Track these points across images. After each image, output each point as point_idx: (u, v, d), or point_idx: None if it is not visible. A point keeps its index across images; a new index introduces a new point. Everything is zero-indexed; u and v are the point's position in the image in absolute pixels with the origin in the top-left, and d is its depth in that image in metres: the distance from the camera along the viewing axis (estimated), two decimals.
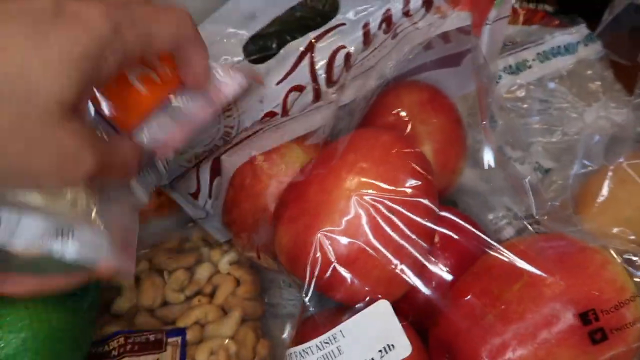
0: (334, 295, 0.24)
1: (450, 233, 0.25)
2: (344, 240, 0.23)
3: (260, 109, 0.31)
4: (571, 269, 0.21)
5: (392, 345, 0.22)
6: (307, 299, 0.23)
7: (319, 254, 0.23)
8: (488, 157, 0.30)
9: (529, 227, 0.29)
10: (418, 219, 0.24)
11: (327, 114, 0.29)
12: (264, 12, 0.31)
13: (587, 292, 0.21)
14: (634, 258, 0.24)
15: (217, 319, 0.31)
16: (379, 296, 0.24)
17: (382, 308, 0.23)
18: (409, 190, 0.23)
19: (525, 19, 0.43)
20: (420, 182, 0.23)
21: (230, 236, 0.34)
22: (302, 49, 0.31)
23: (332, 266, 0.23)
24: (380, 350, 0.22)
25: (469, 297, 0.23)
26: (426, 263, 0.24)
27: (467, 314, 0.23)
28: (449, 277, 0.25)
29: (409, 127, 0.29)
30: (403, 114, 0.30)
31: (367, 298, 0.24)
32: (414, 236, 0.24)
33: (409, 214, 0.23)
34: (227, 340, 0.31)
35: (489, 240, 0.25)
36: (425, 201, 0.24)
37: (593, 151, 0.34)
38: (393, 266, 0.23)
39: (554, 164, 0.39)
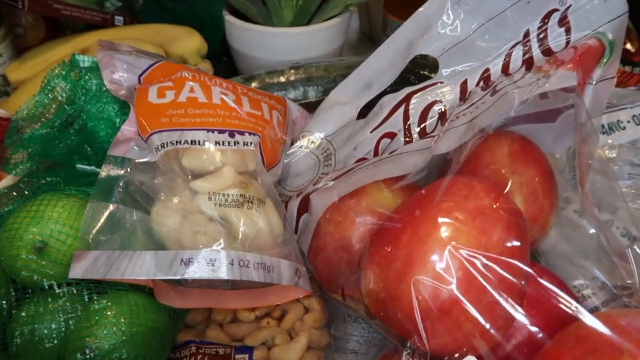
0: (423, 344, 0.24)
1: (542, 292, 0.25)
2: (437, 290, 0.23)
3: (354, 155, 0.32)
4: None
5: None
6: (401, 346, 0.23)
7: (410, 303, 0.23)
8: (586, 222, 0.29)
9: (621, 299, 0.28)
10: (513, 279, 0.23)
11: (419, 160, 0.30)
12: (378, 80, 0.33)
13: None
14: None
15: (283, 342, 0.32)
16: (464, 349, 0.24)
17: None
18: (507, 250, 0.23)
19: (620, 80, 0.42)
20: (519, 244, 0.23)
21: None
22: (398, 100, 0.32)
23: (423, 316, 0.23)
24: None
25: None
26: (515, 322, 0.24)
27: None
28: (537, 338, 0.25)
29: (503, 179, 0.29)
30: (496, 164, 0.30)
31: (455, 351, 0.24)
32: (506, 295, 0.23)
33: (504, 273, 0.23)
34: None
35: (582, 307, 0.24)
36: (522, 263, 0.23)
37: None
38: (483, 322, 0.23)
39: None
